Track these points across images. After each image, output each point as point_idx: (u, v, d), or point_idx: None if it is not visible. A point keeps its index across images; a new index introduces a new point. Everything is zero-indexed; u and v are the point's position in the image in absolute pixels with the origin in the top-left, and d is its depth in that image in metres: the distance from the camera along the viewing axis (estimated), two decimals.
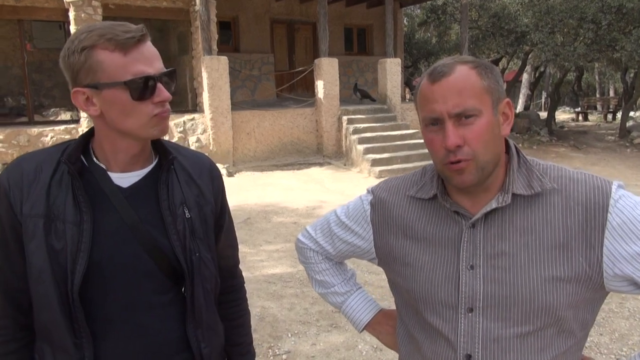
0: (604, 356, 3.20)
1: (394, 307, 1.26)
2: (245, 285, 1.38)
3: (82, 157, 1.07)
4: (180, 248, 1.08)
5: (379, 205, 1.15)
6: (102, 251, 1.03)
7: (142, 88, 0.98)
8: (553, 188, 0.97)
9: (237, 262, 1.35)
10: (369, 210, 1.16)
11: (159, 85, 1.01)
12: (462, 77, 0.94)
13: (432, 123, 0.96)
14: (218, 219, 1.21)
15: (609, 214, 0.93)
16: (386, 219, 1.13)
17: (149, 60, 1.00)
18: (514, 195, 0.98)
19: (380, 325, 1.27)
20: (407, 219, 1.09)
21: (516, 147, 1.03)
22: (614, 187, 0.96)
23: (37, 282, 1.02)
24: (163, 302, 1.09)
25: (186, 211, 1.12)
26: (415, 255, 1.06)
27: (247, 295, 1.38)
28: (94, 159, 1.08)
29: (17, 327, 1.08)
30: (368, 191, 1.20)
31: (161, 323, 1.09)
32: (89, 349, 1.03)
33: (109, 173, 1.07)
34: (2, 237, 1.04)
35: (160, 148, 1.14)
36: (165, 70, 1.03)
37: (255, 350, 1.37)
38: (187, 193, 1.13)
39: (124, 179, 1.08)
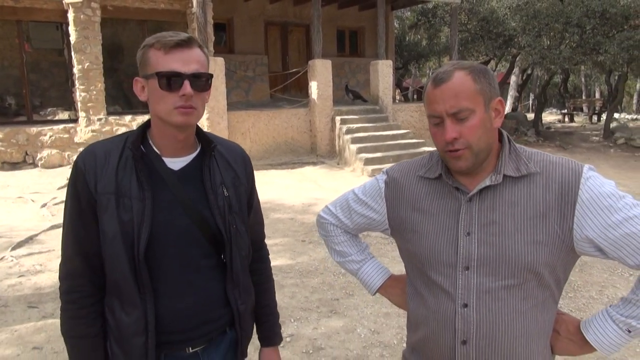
0: None
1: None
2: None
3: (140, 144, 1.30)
4: (221, 220, 1.32)
5: (392, 184, 1.38)
6: (160, 221, 1.26)
7: (167, 80, 1.22)
8: (537, 171, 1.21)
9: (264, 236, 1.59)
10: (384, 188, 1.39)
11: (186, 82, 1.22)
12: (458, 82, 1.16)
13: (435, 121, 1.20)
14: (249, 199, 1.45)
15: (580, 191, 1.17)
16: (398, 195, 1.36)
17: (185, 61, 1.22)
18: (504, 176, 1.22)
19: (391, 288, 1.49)
20: (416, 195, 1.33)
21: (508, 137, 1.27)
22: (585, 169, 1.19)
23: (110, 246, 1.24)
24: (208, 265, 1.32)
25: (224, 190, 1.35)
26: (422, 224, 1.30)
27: None
28: (151, 145, 1.31)
29: (92, 285, 1.29)
30: (383, 172, 1.43)
31: (207, 282, 1.32)
32: (151, 302, 1.25)
33: (162, 158, 1.30)
34: (79, 209, 1.26)
35: (202, 138, 1.37)
36: (197, 72, 1.24)
37: None
38: (225, 175, 1.37)
39: (175, 163, 1.31)
